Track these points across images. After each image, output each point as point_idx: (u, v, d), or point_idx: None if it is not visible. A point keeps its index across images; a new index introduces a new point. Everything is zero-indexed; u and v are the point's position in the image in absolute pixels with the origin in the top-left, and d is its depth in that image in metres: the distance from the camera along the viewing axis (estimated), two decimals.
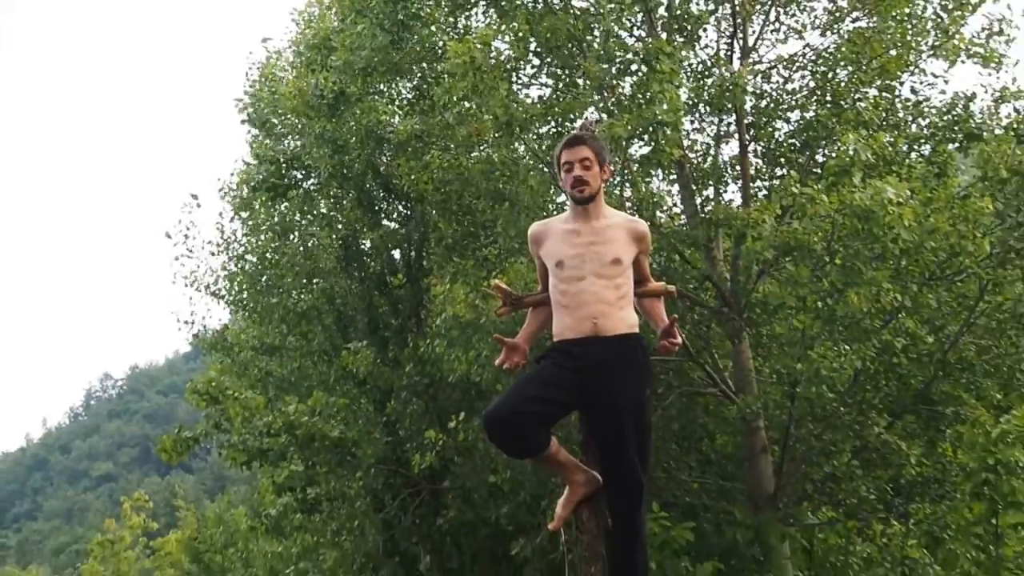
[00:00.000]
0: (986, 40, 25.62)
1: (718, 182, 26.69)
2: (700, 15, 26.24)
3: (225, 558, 49.99)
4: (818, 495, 26.28)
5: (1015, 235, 23.70)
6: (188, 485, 69.44)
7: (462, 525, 30.36)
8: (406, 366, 30.17)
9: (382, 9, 27.97)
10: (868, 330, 23.82)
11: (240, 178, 35.72)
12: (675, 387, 24.95)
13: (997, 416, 26.14)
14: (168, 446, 31.86)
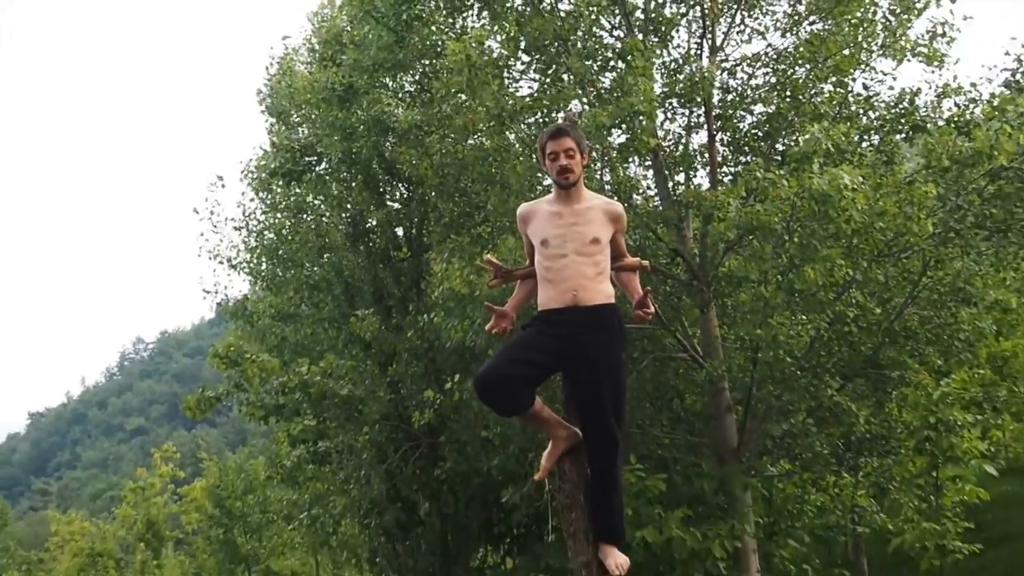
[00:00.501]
0: (930, 41, 25.81)
1: (688, 168, 26.79)
2: (672, 17, 26.47)
3: (245, 504, 50.14)
4: (777, 450, 26.50)
5: (955, 217, 23.91)
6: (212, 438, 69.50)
7: (457, 475, 30.47)
8: (407, 332, 30.40)
9: (387, 11, 28.27)
10: (823, 301, 24.14)
11: (259, 162, 35.86)
12: (649, 352, 25.12)
13: (938, 380, 26.75)
14: (192, 404, 32.37)
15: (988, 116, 24.63)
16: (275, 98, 35.11)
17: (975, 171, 23.92)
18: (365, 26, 29.79)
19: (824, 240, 23.29)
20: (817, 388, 25.24)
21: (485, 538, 32.69)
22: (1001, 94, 25.05)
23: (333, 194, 33.64)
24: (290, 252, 34.95)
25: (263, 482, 46.71)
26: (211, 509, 52.52)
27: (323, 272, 33.72)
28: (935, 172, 23.97)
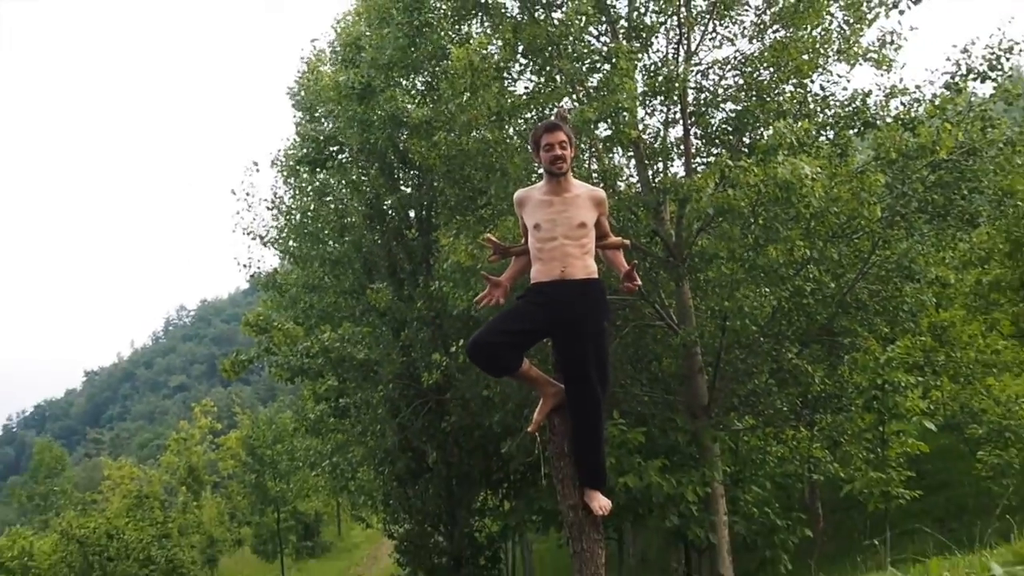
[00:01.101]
0: (879, 48, 26.04)
1: (666, 158, 26.97)
2: (653, 25, 26.64)
3: (274, 452, 50.36)
4: (742, 407, 26.62)
5: (901, 203, 24.32)
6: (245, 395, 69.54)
7: (461, 428, 30.66)
8: (417, 302, 30.60)
9: (401, 18, 28.67)
10: (783, 276, 24.45)
11: (288, 151, 36.04)
12: (630, 320, 25.29)
13: (884, 346, 27.02)
14: (228, 366, 33.24)
15: (931, 114, 24.94)
16: (303, 95, 35.21)
17: (919, 163, 24.29)
18: (383, 30, 30.01)
19: (785, 222, 23.70)
20: (778, 353, 25.58)
21: (485, 483, 32.76)
22: (942, 95, 25.19)
23: (352, 180, 33.76)
24: (315, 230, 35.12)
25: (290, 433, 46.98)
26: (244, 457, 52.73)
27: (343, 248, 33.85)
28: (884, 163, 24.34)
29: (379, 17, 30.24)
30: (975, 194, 24.97)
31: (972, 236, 30.65)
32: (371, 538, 49.01)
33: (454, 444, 31.81)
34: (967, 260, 34.99)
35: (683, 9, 26.12)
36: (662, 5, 26.32)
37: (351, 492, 41.65)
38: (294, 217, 36.35)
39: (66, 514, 40.79)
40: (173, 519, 45.38)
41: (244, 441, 53.34)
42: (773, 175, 21.26)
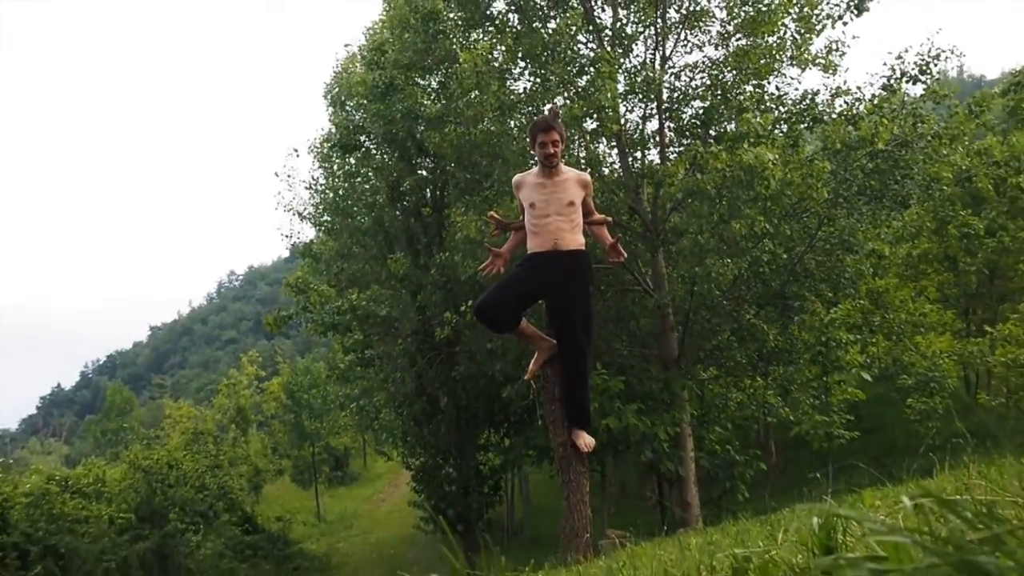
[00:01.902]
0: (827, 54, 26.06)
1: (643, 147, 27.04)
2: (633, 34, 26.65)
3: (310, 396, 50.48)
4: (707, 359, 26.68)
5: (843, 187, 24.71)
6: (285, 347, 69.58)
7: (468, 376, 30.75)
8: (431, 269, 30.62)
9: (419, 27, 28.98)
10: (744, 249, 24.67)
11: (323, 140, 36.08)
12: (612, 285, 25.42)
13: (828, 308, 27.46)
14: (271, 321, 33.82)
15: (869, 111, 25.24)
16: (336, 90, 35.21)
17: (859, 153, 24.63)
18: (404, 36, 30.57)
19: (746, 202, 24.07)
20: (738, 314, 25.72)
21: (489, 423, 32.87)
22: (880, 95, 25.31)
23: (376, 164, 33.90)
24: (345, 207, 35.17)
25: (323, 380, 47.15)
26: (284, 400, 52.87)
27: (369, 223, 33.92)
28: (829, 153, 24.89)
29: (400, 25, 30.75)
30: (907, 180, 25.20)
31: (904, 215, 30.80)
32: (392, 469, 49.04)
33: (462, 390, 31.95)
34: (900, 236, 35.10)
35: (659, 20, 26.27)
36: (641, 17, 26.42)
37: (375, 430, 41.93)
38: (327, 196, 36.45)
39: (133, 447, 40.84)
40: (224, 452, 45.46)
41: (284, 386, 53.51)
42: (739, 160, 22.04)
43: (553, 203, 8.04)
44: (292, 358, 60.65)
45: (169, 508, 33.86)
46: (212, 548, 34.53)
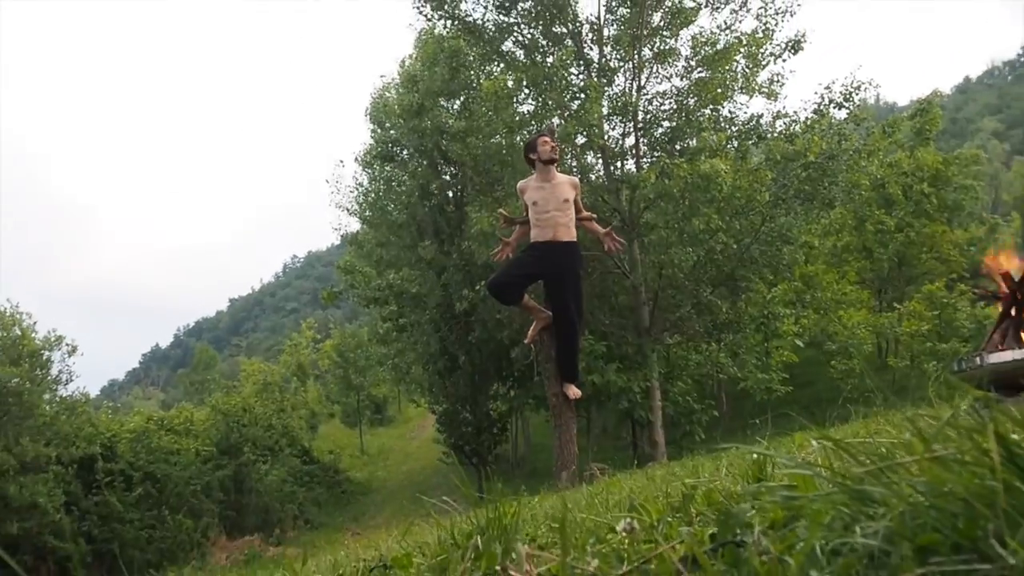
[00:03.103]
0: (769, 84, 26.15)
1: (622, 158, 27.04)
2: (615, 67, 26.66)
3: (355, 355, 50.29)
4: (672, 328, 26.64)
5: (782, 191, 24.75)
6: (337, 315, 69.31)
7: (482, 340, 30.89)
8: (453, 255, 30.85)
9: (445, 61, 28.82)
10: (702, 240, 24.75)
11: (366, 151, 36.14)
12: (597, 269, 25.34)
13: (769, 288, 27.13)
14: (325, 295, 34.80)
15: (803, 131, 25.27)
16: (376, 110, 35.21)
17: (795, 164, 24.67)
18: (433, 67, 30.74)
19: (704, 203, 24.26)
20: (697, 292, 25.73)
21: (497, 377, 32.88)
22: (812, 117, 25.35)
23: (410, 170, 33.91)
24: (383, 205, 35.28)
25: (366, 342, 47.00)
26: (335, 357, 52.72)
27: (403, 217, 33.93)
28: (771, 163, 25.22)
29: (430, 59, 30.62)
30: (833, 186, 25.22)
31: (830, 214, 30.68)
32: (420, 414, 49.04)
33: (477, 351, 32.00)
34: (826, 231, 35.02)
35: (636, 56, 26.25)
36: (622, 54, 26.40)
37: (407, 382, 42.01)
38: (369, 196, 36.51)
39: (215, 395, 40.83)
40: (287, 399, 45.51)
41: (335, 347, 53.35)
42: (698, 170, 22.86)
43: (552, 200, 8.13)
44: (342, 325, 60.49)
45: (243, 443, 33.92)
46: (277, 475, 34.65)
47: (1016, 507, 1.00)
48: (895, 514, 1.15)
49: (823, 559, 1.17)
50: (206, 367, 74.35)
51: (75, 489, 27.61)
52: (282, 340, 76.93)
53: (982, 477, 1.06)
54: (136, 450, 30.42)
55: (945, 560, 1.03)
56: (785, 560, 1.16)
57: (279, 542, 30.47)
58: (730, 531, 1.43)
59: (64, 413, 28.31)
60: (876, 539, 1.14)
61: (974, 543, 1.03)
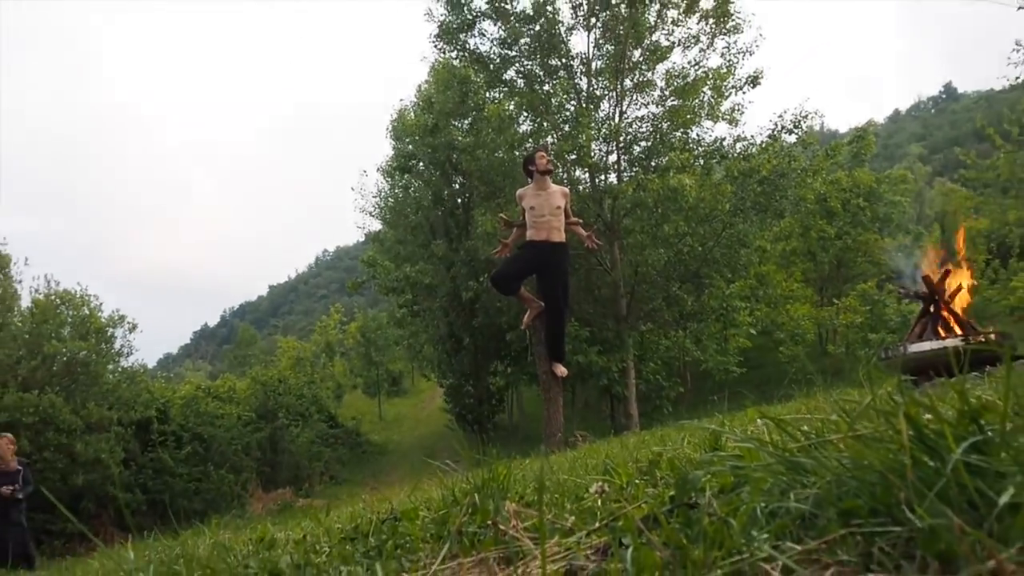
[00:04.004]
0: (731, 112, 26.12)
1: (606, 173, 27.07)
2: (601, 95, 26.72)
3: (376, 336, 50.27)
4: (645, 317, 26.70)
5: (740, 203, 24.93)
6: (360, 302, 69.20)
7: (484, 325, 30.85)
8: (460, 252, 30.75)
9: (456, 87, 28.94)
10: (671, 243, 24.79)
11: (387, 162, 36.19)
12: (583, 266, 25.29)
13: (728, 284, 27.04)
14: (351, 285, 34.66)
15: (759, 152, 25.19)
16: (396, 128, 35.14)
17: (751, 180, 24.60)
18: (446, 92, 30.59)
19: (674, 212, 24.53)
20: (667, 287, 25.78)
21: (496, 356, 32.76)
22: (766, 141, 25.46)
23: (424, 179, 33.86)
24: (401, 209, 35.18)
25: (385, 325, 46.99)
26: (359, 337, 52.65)
27: (418, 219, 33.84)
28: (731, 179, 25.21)
29: (444, 85, 30.56)
30: (783, 199, 25.29)
31: (780, 223, 30.67)
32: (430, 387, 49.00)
33: (479, 333, 31.93)
34: (777, 237, 34.96)
35: (619, 87, 26.26)
36: (607, 84, 26.39)
37: (419, 360, 41.89)
38: (389, 200, 36.51)
39: (255, 368, 40.85)
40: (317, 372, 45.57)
41: (359, 329, 53.25)
42: (668, 184, 23.13)
43: (546, 206, 8.17)
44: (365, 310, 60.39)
45: (278, 409, 33.90)
46: (307, 437, 34.62)
47: (923, 479, 1.01)
48: (823, 483, 1.17)
49: (762, 520, 1.18)
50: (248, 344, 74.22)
51: (133, 447, 27.62)
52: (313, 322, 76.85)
53: (895, 453, 1.07)
54: (186, 414, 30.41)
55: (864, 522, 1.04)
56: (730, 521, 1.18)
57: (308, 495, 30.44)
58: (686, 494, 1.44)
59: (125, 381, 28.24)
60: (807, 504, 1.16)
61: (888, 509, 1.04)
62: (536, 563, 1.33)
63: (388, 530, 2.09)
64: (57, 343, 26.44)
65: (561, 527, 1.54)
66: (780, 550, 1.05)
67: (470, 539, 1.65)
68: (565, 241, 8.35)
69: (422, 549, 1.75)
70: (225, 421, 31.15)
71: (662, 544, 1.19)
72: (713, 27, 25.82)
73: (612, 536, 1.37)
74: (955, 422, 1.08)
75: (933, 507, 0.96)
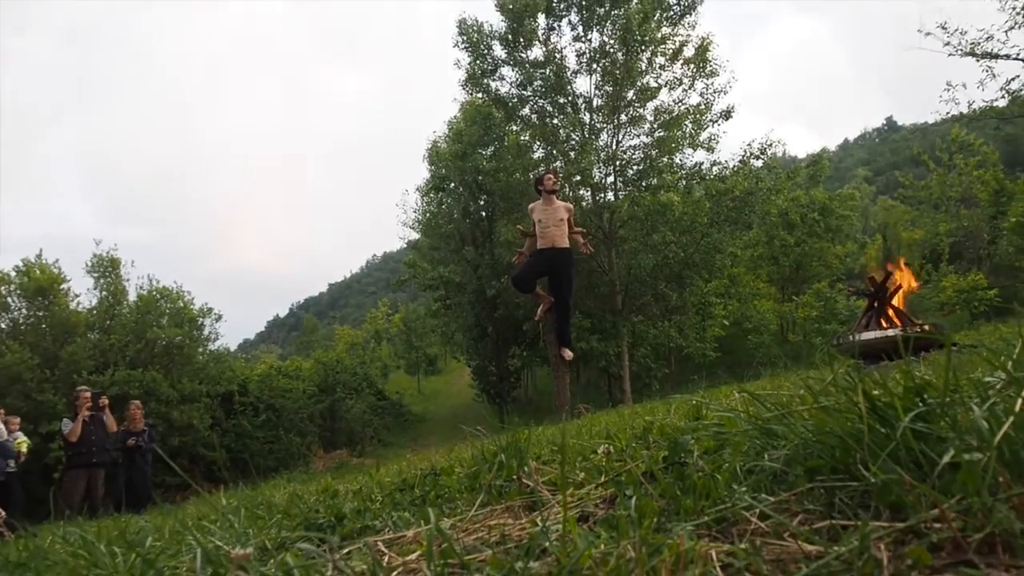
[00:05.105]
0: (709, 141, 25.94)
1: (604, 191, 26.91)
2: (601, 127, 26.53)
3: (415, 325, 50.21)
4: (637, 311, 26.47)
5: (716, 216, 24.66)
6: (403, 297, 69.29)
7: (505, 316, 30.83)
8: (485, 256, 30.69)
9: (480, 122, 29.01)
10: (659, 249, 24.53)
11: (425, 183, 36.10)
12: (585, 268, 25.18)
13: (705, 283, 26.85)
14: (395, 283, 34.40)
15: (733, 174, 24.93)
16: (432, 154, 35.11)
17: (725, 197, 24.45)
18: (472, 125, 30.36)
19: (661, 224, 24.58)
20: (655, 285, 25.50)
21: (514, 343, 32.71)
22: (737, 165, 25.30)
23: (455, 197, 33.74)
24: (435, 220, 35.10)
25: (423, 316, 46.95)
26: (401, 326, 52.75)
27: (449, 230, 33.78)
28: (708, 196, 25.00)
29: (470, 120, 30.61)
30: (751, 213, 25.18)
31: (749, 233, 30.51)
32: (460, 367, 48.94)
33: (500, 323, 31.89)
34: (746, 244, 34.70)
35: (616, 120, 26.12)
36: (605, 118, 26.25)
37: (451, 344, 41.86)
38: (426, 214, 36.47)
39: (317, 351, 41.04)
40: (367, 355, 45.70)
41: (402, 319, 53.34)
42: (657, 200, 23.79)
43: (552, 219, 8.07)
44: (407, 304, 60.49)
45: (336, 385, 34.00)
46: (359, 408, 34.70)
47: (876, 443, 1.01)
48: (792, 446, 1.16)
49: (741, 476, 1.18)
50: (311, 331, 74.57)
51: (219, 415, 27.80)
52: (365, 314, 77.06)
53: (853, 421, 1.07)
54: (261, 388, 30.55)
55: (827, 479, 1.04)
56: (715, 476, 1.18)
57: (360, 455, 30.56)
58: (677, 454, 1.44)
59: (212, 362, 28.43)
60: (779, 463, 1.16)
61: (847, 467, 1.04)
62: (554, 510, 1.33)
63: (430, 483, 2.10)
64: (157, 330, 26.71)
65: (573, 481, 1.54)
66: (757, 500, 1.05)
67: (498, 491, 1.66)
68: (569, 247, 8.25)
69: (459, 499, 1.75)
70: (293, 394, 31.29)
71: (659, 495, 1.19)
72: (694, 71, 25.76)
73: (617, 488, 1.37)
74: (902, 396, 1.07)
75: (885, 465, 0.96)
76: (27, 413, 19.88)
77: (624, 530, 1.01)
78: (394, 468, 3.84)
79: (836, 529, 0.92)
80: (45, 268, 26.32)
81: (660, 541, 0.92)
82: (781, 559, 0.87)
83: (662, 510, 1.11)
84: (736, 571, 0.84)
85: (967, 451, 0.89)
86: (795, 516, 1.00)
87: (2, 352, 23.61)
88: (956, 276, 29.39)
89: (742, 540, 0.95)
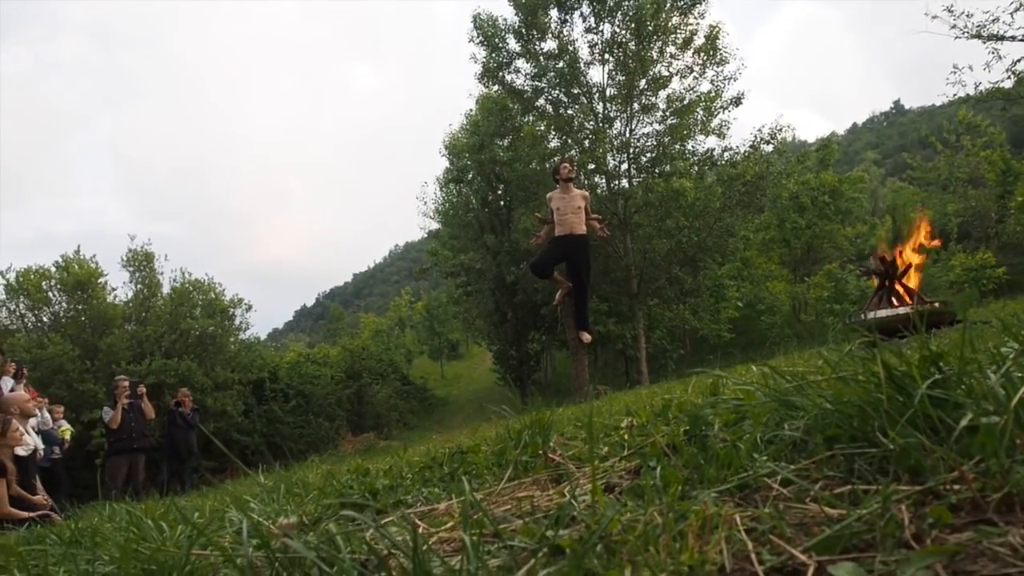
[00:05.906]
0: (720, 127, 25.66)
1: (619, 179, 26.79)
2: (615, 116, 26.32)
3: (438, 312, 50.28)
4: (652, 294, 26.35)
5: (728, 200, 24.53)
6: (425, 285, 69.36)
7: (524, 302, 30.87)
8: (504, 244, 30.58)
9: (497, 113, 28.72)
10: (673, 234, 24.33)
11: (444, 175, 35.99)
12: (602, 253, 25.08)
13: (719, 267, 26.70)
14: (418, 271, 34.41)
15: (743, 160, 24.71)
16: (451, 146, 35.03)
17: (736, 181, 24.18)
18: (489, 117, 30.17)
19: (675, 209, 24.27)
20: (670, 269, 25.37)
21: (534, 327, 32.71)
22: (748, 150, 25.03)
23: (473, 188, 33.65)
24: (455, 210, 35.02)
25: (445, 303, 46.99)
26: (424, 313, 52.85)
27: (469, 218, 33.70)
28: (720, 181, 24.76)
29: (487, 112, 30.43)
30: (763, 197, 24.99)
31: (761, 217, 30.27)
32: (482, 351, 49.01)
33: (520, 308, 31.88)
34: (758, 228, 34.44)
35: (629, 109, 25.90)
36: (619, 107, 26.04)
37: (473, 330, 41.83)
38: (446, 205, 36.41)
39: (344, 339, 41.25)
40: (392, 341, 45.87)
41: (425, 306, 53.42)
42: (670, 186, 23.45)
43: (569, 207, 8.07)
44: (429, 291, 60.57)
45: (362, 371, 34.17)
46: (385, 392, 34.90)
47: (894, 410, 1.01)
48: (811, 415, 1.16)
49: (762, 446, 1.19)
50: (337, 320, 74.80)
51: (251, 401, 28.07)
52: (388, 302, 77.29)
53: (870, 391, 1.07)
54: (291, 375, 30.79)
55: (846, 446, 1.04)
56: (737, 445, 1.18)
57: (387, 438, 30.70)
58: (697, 428, 1.44)
59: (243, 350, 28.65)
60: (798, 432, 1.16)
61: (865, 435, 1.04)
62: (580, 481, 1.34)
63: (458, 460, 2.12)
64: (191, 321, 26.95)
65: (598, 454, 1.55)
66: (779, 468, 1.05)
67: (524, 466, 1.67)
68: (586, 233, 8.21)
69: (486, 474, 1.77)
70: (321, 380, 31.51)
71: (682, 465, 1.20)
72: (704, 60, 25.52)
73: (641, 460, 1.38)
74: (919, 365, 1.07)
75: (904, 431, 0.96)
76: (69, 402, 20.15)
77: (650, 498, 1.02)
78: (421, 448, 3.88)
79: (857, 493, 0.92)
80: (83, 263, 26.62)
81: (686, 507, 0.93)
82: (804, 522, 0.87)
83: (686, 479, 1.12)
84: (760, 534, 0.85)
85: (984, 415, 0.89)
86: (816, 482, 1.00)
87: (45, 344, 23.96)
88: (965, 255, 29.07)
89: (765, 505, 0.95)
